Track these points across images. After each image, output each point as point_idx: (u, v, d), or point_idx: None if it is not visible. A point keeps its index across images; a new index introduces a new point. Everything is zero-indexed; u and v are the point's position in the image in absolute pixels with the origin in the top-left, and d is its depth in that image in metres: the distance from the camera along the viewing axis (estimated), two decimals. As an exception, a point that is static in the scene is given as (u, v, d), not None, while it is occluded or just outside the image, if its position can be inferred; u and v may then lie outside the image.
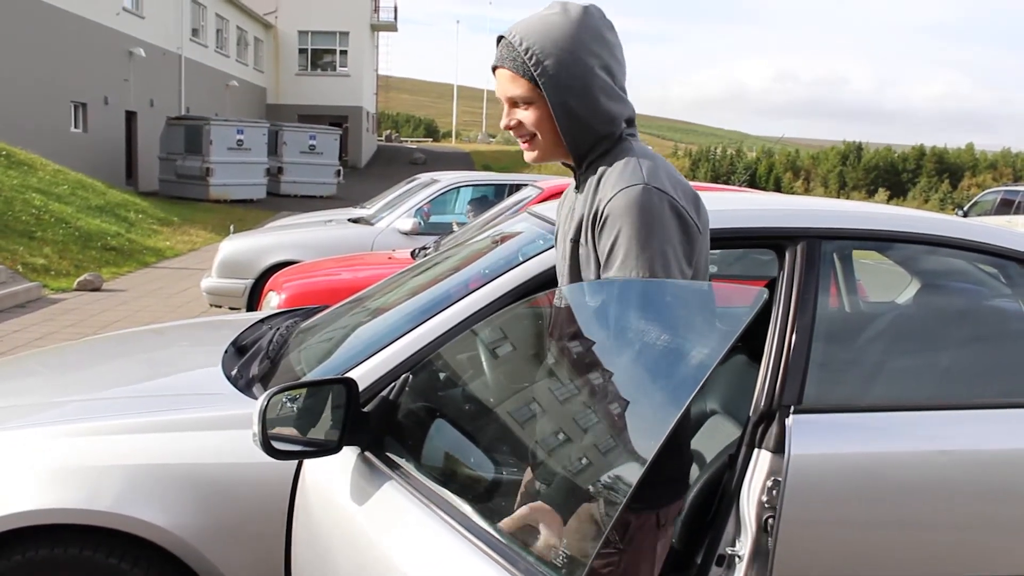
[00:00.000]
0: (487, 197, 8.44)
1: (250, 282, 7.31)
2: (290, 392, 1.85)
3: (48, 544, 2.04)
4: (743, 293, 1.33)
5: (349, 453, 1.84)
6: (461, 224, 7.55)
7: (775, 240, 2.26)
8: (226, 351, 2.70)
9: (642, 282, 1.55)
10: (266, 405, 1.70)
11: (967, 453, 2.18)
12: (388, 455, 1.79)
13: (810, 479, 2.04)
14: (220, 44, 32.07)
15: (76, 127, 21.17)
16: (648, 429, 1.26)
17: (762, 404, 2.08)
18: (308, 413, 1.87)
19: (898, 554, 2.13)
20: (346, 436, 1.78)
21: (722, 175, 50.53)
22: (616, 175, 1.66)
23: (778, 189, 49.67)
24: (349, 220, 8.82)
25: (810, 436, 2.05)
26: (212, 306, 7.68)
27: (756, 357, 2.19)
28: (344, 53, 39.01)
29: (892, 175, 59.65)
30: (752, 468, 2.04)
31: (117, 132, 23.13)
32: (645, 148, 1.73)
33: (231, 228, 11.58)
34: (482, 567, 1.37)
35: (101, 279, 10.05)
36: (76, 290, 9.67)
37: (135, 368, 2.90)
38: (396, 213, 8.07)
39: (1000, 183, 38.03)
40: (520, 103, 1.72)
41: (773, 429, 2.05)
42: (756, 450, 2.05)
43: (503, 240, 2.67)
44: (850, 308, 3.01)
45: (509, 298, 2.15)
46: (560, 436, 1.48)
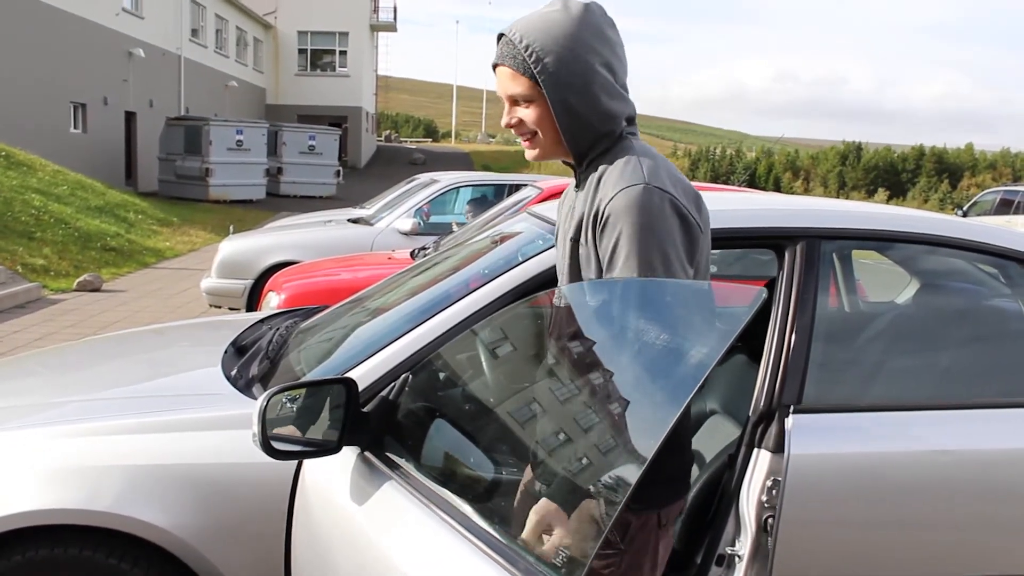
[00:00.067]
0: (486, 197, 8.44)
1: (250, 282, 7.31)
2: (290, 392, 1.85)
3: (48, 544, 2.04)
4: (742, 293, 1.33)
5: (349, 453, 1.84)
6: (461, 224, 7.55)
7: (774, 240, 2.26)
8: (226, 351, 2.69)
9: (644, 282, 1.55)
10: (266, 405, 1.70)
11: (967, 453, 2.18)
12: (388, 455, 1.79)
13: (810, 479, 2.04)
14: (219, 44, 32.07)
15: (75, 127, 21.16)
16: (648, 428, 1.26)
17: (762, 404, 2.08)
18: (308, 413, 1.87)
19: (898, 554, 2.13)
20: (346, 436, 1.78)
21: (721, 175, 50.51)
22: (617, 174, 1.65)
23: (777, 189, 49.66)
24: (349, 220, 8.82)
25: (810, 436, 2.05)
26: (212, 306, 7.67)
27: (756, 357, 2.19)
28: (344, 53, 39.00)
29: (891, 175, 59.65)
30: (752, 468, 2.04)
31: (116, 132, 23.12)
32: (646, 147, 1.72)
33: (231, 228, 11.58)
34: (482, 567, 1.37)
35: (101, 280, 10.05)
36: (76, 291, 9.67)
37: (135, 368, 2.89)
38: (396, 213, 8.07)
39: (999, 183, 38.03)
40: (521, 101, 1.71)
41: (773, 429, 2.05)
42: (756, 450, 2.06)
43: (503, 240, 2.67)
44: (850, 308, 3.01)
45: (509, 298, 2.15)
46: (560, 436, 1.48)
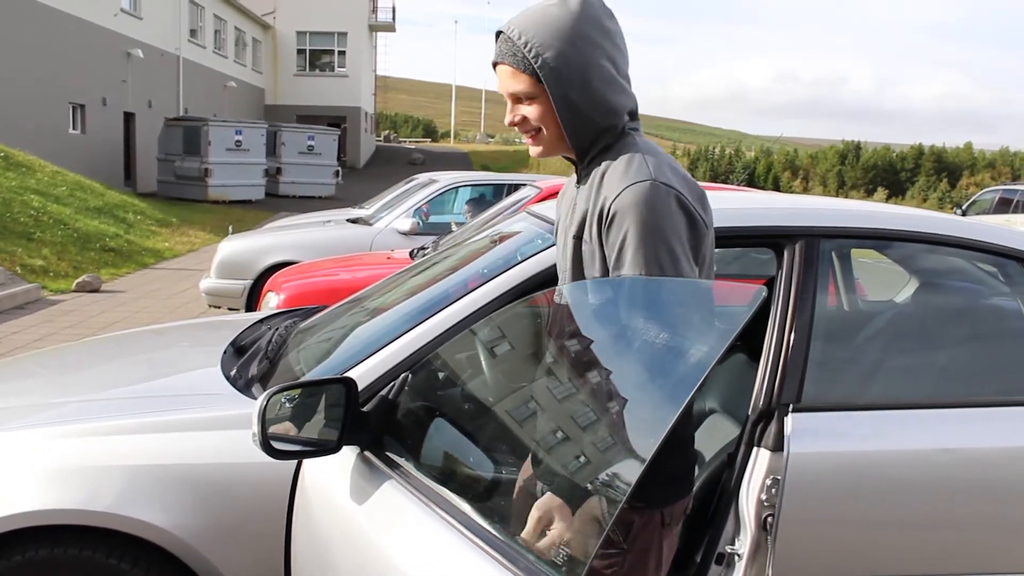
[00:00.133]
0: (484, 196, 8.45)
1: (249, 283, 7.31)
2: (289, 392, 1.85)
3: (48, 544, 2.04)
4: (742, 292, 1.33)
5: (348, 453, 1.84)
6: (460, 224, 7.55)
7: (774, 239, 2.26)
8: (225, 351, 2.69)
9: (652, 280, 1.54)
10: (265, 405, 1.70)
11: (966, 451, 2.18)
12: (387, 454, 1.79)
13: (809, 477, 2.04)
14: (218, 45, 32.06)
15: (74, 128, 21.15)
16: (648, 428, 1.26)
17: (761, 403, 2.08)
18: (307, 413, 1.87)
19: (897, 552, 2.14)
20: (345, 436, 1.78)
21: (721, 174, 50.52)
22: (621, 171, 1.63)
23: (776, 188, 49.68)
24: (348, 220, 8.82)
25: (809, 434, 2.05)
26: (211, 307, 7.68)
27: (755, 356, 2.19)
28: (342, 54, 38.99)
29: (891, 174, 59.67)
30: (751, 467, 2.04)
31: (115, 133, 23.11)
32: (649, 143, 1.71)
33: (230, 229, 11.57)
34: (482, 565, 1.37)
35: (100, 280, 10.04)
36: (75, 291, 9.66)
37: (134, 369, 2.89)
38: (395, 213, 8.07)
39: (998, 182, 38.01)
40: (523, 98, 1.70)
41: (772, 428, 2.05)
42: (755, 449, 2.06)
43: (502, 240, 2.67)
44: (849, 307, 3.01)
45: (508, 297, 2.15)
46: (561, 435, 1.48)
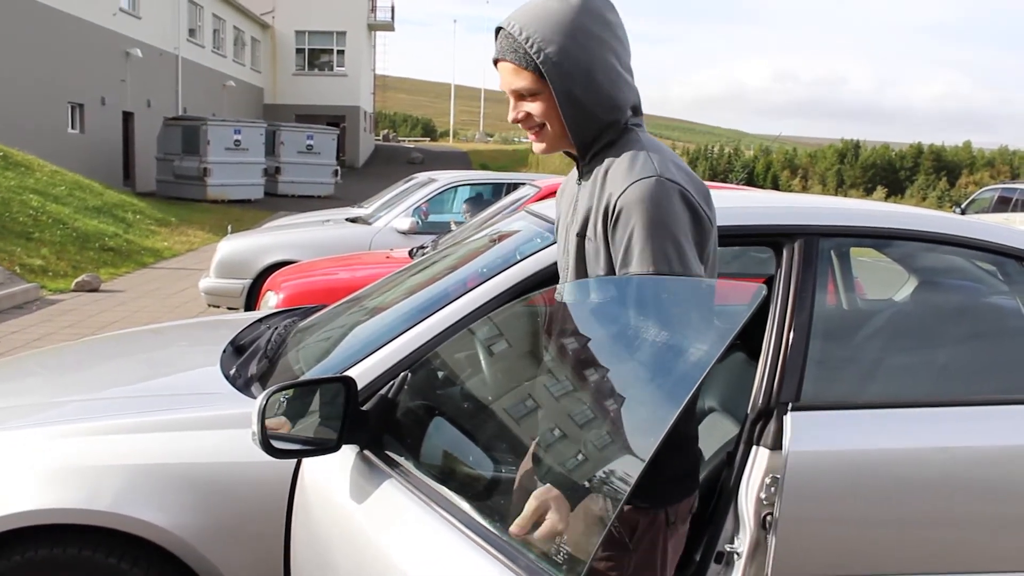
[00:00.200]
0: (481, 195, 8.46)
1: (248, 282, 7.31)
2: (289, 391, 1.85)
3: (48, 544, 2.04)
4: (741, 291, 1.33)
5: (348, 452, 1.84)
6: (459, 223, 7.55)
7: (773, 238, 2.26)
8: (224, 351, 2.69)
9: (661, 279, 1.53)
10: (265, 404, 1.70)
11: (965, 450, 2.18)
12: (387, 453, 1.79)
13: (808, 476, 2.04)
14: (217, 44, 32.03)
15: (73, 128, 21.13)
16: (648, 427, 1.26)
17: (760, 401, 2.08)
18: (307, 412, 1.87)
19: (896, 550, 2.14)
20: (345, 435, 1.78)
21: (720, 173, 50.50)
22: (626, 167, 1.62)
23: (776, 187, 49.66)
24: (347, 220, 8.82)
25: (808, 433, 2.06)
26: (210, 306, 7.67)
27: (754, 355, 2.20)
28: (341, 53, 38.95)
29: (890, 173, 59.67)
30: (750, 465, 2.04)
31: (114, 133, 23.08)
32: (652, 140, 1.69)
33: (229, 228, 11.57)
34: (482, 564, 1.37)
35: (99, 280, 10.03)
36: (74, 291, 9.66)
37: (134, 368, 2.89)
38: (394, 212, 8.07)
39: (997, 181, 38.02)
40: (526, 95, 1.68)
41: (771, 426, 2.05)
42: (754, 447, 2.06)
43: (501, 239, 2.67)
44: (848, 305, 3.01)
45: (507, 296, 2.15)
46: (561, 434, 1.48)
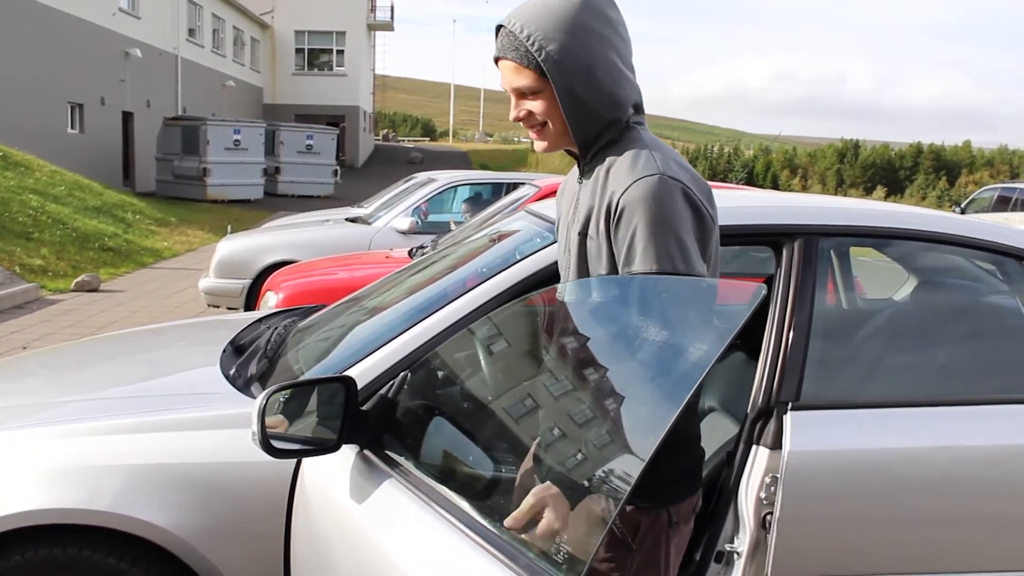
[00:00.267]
0: (480, 195, 8.46)
1: (248, 282, 7.31)
2: (288, 391, 1.85)
3: (48, 544, 2.04)
4: (741, 290, 1.33)
5: (348, 451, 1.84)
6: (459, 223, 7.55)
7: (772, 237, 2.26)
8: (224, 351, 2.69)
9: (664, 279, 1.53)
10: (265, 404, 1.70)
11: (964, 449, 2.18)
12: (387, 453, 1.79)
13: (808, 475, 2.04)
14: (216, 44, 32.02)
15: (73, 128, 21.12)
16: (648, 426, 1.26)
17: (760, 401, 2.08)
18: (307, 412, 1.87)
19: (896, 550, 2.14)
20: (345, 434, 1.78)
21: (719, 173, 50.46)
22: (628, 165, 1.61)
23: (775, 187, 49.63)
24: (346, 219, 8.82)
25: (808, 433, 2.06)
26: (210, 306, 7.67)
27: (754, 354, 2.20)
28: (341, 53, 38.95)
29: (889, 172, 59.64)
30: (750, 465, 2.04)
31: (114, 133, 23.08)
32: (654, 138, 1.69)
33: (228, 228, 11.56)
34: (482, 563, 1.37)
35: (99, 280, 10.03)
36: (74, 291, 9.65)
37: (133, 368, 2.89)
38: (393, 212, 8.07)
39: (997, 180, 38.02)
40: (527, 93, 1.67)
41: (771, 426, 2.05)
42: (754, 447, 2.06)
43: (500, 238, 2.67)
44: (847, 305, 3.01)
45: (506, 296, 2.15)
46: (564, 434, 1.47)
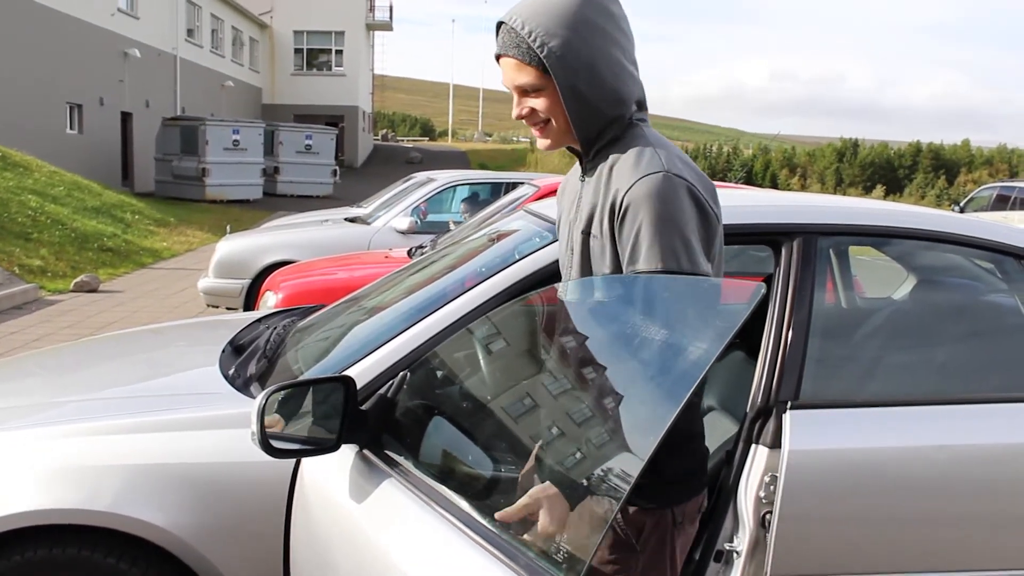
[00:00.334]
0: (477, 195, 8.47)
1: (247, 282, 7.31)
2: (288, 391, 1.85)
3: (47, 544, 2.04)
4: (740, 289, 1.33)
5: (347, 451, 1.84)
6: (458, 223, 7.56)
7: (771, 236, 2.26)
8: (223, 351, 2.69)
9: (669, 278, 1.53)
10: (264, 404, 1.70)
11: (964, 448, 2.18)
12: (386, 453, 1.79)
13: (807, 475, 2.04)
14: (215, 44, 32.00)
15: (71, 128, 21.10)
16: (647, 426, 1.26)
17: (759, 400, 2.08)
18: (306, 412, 1.87)
19: (895, 549, 2.14)
20: (344, 434, 1.78)
21: (718, 172, 50.46)
22: (632, 163, 1.60)
23: (774, 186, 49.61)
24: (346, 219, 8.82)
25: (807, 432, 2.06)
26: (209, 306, 7.67)
27: (753, 353, 2.20)
28: (340, 53, 38.92)
29: (888, 171, 59.62)
30: (749, 464, 2.04)
31: (113, 133, 23.06)
32: (657, 136, 1.67)
33: (228, 228, 11.56)
34: (482, 563, 1.37)
35: (98, 280, 10.03)
36: (73, 291, 9.65)
37: (133, 368, 2.89)
38: (392, 212, 8.07)
39: (996, 179, 38.02)
40: (530, 91, 1.65)
41: (770, 425, 2.05)
42: (753, 446, 2.06)
43: (499, 238, 2.67)
44: (846, 304, 3.01)
45: (506, 296, 2.15)
46: (564, 434, 1.48)
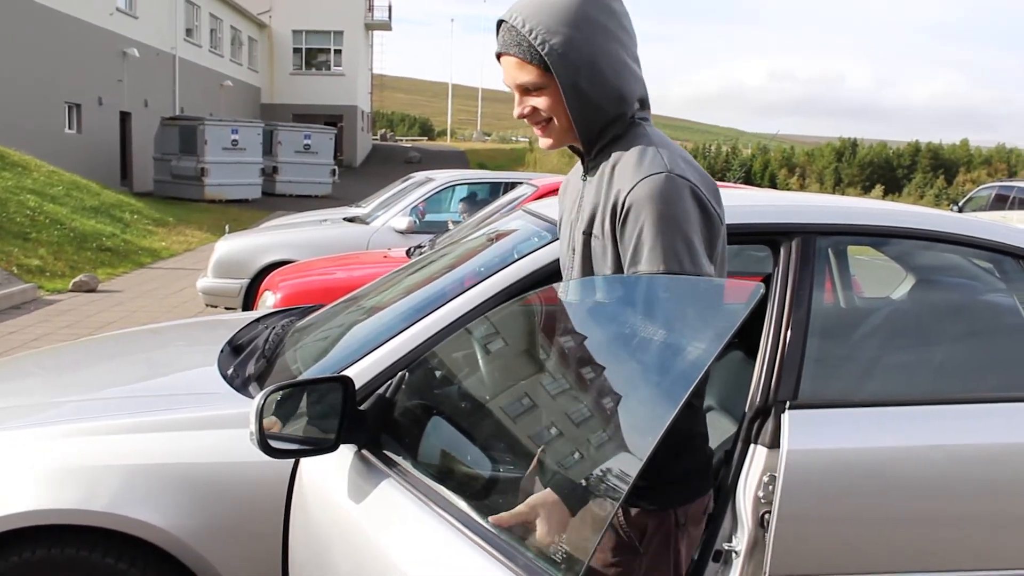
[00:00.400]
0: (475, 194, 8.47)
1: (246, 282, 7.31)
2: (286, 391, 1.85)
3: (46, 544, 2.03)
4: (739, 289, 1.33)
5: (346, 451, 1.84)
6: (456, 222, 7.56)
7: (770, 236, 2.26)
8: (222, 351, 2.69)
9: (671, 278, 1.52)
10: (263, 404, 1.70)
11: (962, 448, 2.18)
12: (385, 453, 1.79)
13: (806, 474, 2.04)
14: (214, 44, 31.98)
15: (70, 128, 21.09)
16: (647, 425, 1.26)
17: (758, 400, 2.08)
18: (304, 412, 1.87)
19: (893, 548, 2.14)
20: (343, 434, 1.78)
21: (717, 172, 50.48)
22: (635, 163, 1.58)
23: (773, 185, 49.64)
24: (344, 219, 8.82)
25: (806, 431, 2.06)
26: (208, 306, 7.67)
27: (752, 353, 2.20)
28: (339, 52, 38.92)
29: (887, 171, 59.63)
30: (748, 464, 2.04)
31: (111, 133, 23.05)
32: (660, 135, 1.66)
33: (226, 228, 11.55)
34: (481, 563, 1.37)
35: (96, 280, 10.02)
36: (71, 291, 9.64)
37: (131, 368, 2.89)
38: (391, 212, 8.07)
39: (995, 179, 38.06)
40: (531, 89, 1.63)
41: (769, 425, 2.05)
42: (752, 446, 2.06)
43: (498, 238, 2.67)
44: (845, 304, 3.01)
45: (504, 295, 2.15)
46: (563, 435, 1.47)
